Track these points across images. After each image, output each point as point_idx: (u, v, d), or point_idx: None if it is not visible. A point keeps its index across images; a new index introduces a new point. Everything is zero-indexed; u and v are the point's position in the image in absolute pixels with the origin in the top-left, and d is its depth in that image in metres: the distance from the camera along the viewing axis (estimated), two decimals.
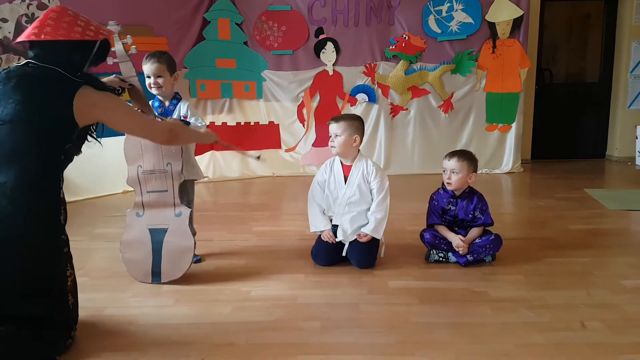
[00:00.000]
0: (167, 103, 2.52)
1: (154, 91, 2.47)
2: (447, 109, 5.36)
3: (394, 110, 5.38)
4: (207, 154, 5.29)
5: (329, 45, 5.27)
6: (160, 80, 2.42)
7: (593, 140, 6.26)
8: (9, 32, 3.79)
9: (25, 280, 1.63)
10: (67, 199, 4.29)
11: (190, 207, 2.55)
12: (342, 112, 5.37)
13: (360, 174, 2.50)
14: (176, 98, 2.54)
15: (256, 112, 5.41)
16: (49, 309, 1.66)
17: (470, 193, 2.53)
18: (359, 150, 2.55)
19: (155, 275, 2.38)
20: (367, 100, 5.35)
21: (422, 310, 1.96)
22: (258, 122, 5.42)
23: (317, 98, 5.37)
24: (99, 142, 1.91)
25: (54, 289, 1.69)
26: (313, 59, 5.29)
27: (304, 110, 5.40)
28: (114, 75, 2.22)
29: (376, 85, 5.32)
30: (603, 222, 3.30)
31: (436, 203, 2.59)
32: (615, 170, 5.59)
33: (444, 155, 5.48)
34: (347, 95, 5.35)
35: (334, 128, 2.46)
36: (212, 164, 5.32)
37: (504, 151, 5.45)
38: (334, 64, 5.31)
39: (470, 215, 2.51)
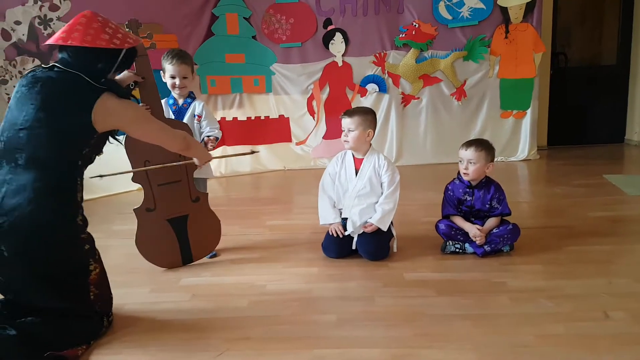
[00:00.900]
0: (181, 101, 2.52)
1: (175, 91, 2.48)
2: (460, 97, 5.28)
3: (405, 99, 5.32)
4: (219, 149, 5.29)
5: (338, 36, 5.21)
6: (186, 82, 2.44)
7: (611, 125, 6.11)
8: (23, 35, 3.82)
9: (45, 276, 1.66)
10: (84, 197, 4.31)
11: None
12: (352, 103, 5.33)
13: (372, 167, 2.47)
14: (190, 96, 2.55)
15: (266, 106, 5.39)
16: (71, 302, 1.71)
17: (487, 183, 2.48)
18: (370, 144, 2.52)
19: (186, 259, 2.45)
20: (377, 90, 5.29)
21: (439, 302, 1.93)
22: (268, 116, 5.40)
23: (327, 90, 5.33)
24: (120, 143, 1.98)
25: (73, 283, 1.73)
26: (322, 50, 5.24)
27: (314, 103, 5.36)
28: (126, 70, 2.21)
29: (386, 75, 5.26)
30: (623, 209, 3.22)
31: (451, 193, 2.54)
32: (634, 155, 5.46)
33: (457, 144, 5.39)
34: (357, 86, 5.30)
35: (347, 123, 2.43)
36: (224, 160, 5.31)
37: (520, 138, 5.36)
38: (343, 55, 5.25)
39: (487, 206, 2.46)
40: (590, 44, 6.19)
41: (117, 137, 1.92)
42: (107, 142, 1.86)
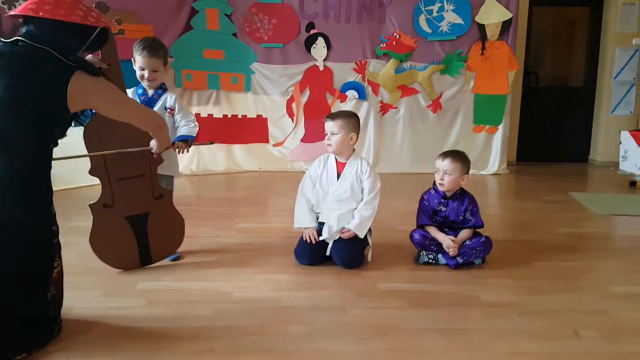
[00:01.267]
0: (151, 92, 2.41)
1: (144, 83, 2.37)
2: (435, 109, 5.34)
3: (384, 108, 5.34)
4: (192, 147, 5.16)
5: (320, 41, 5.19)
6: (156, 75, 2.34)
7: (577, 145, 6.30)
8: None
9: (7, 272, 1.54)
10: None
11: None
12: (332, 108, 5.31)
13: (354, 172, 2.44)
14: (162, 88, 2.44)
15: (244, 105, 5.31)
16: (27, 302, 1.59)
17: (461, 194, 2.49)
18: (354, 148, 2.49)
19: (145, 260, 2.32)
20: (357, 97, 5.29)
21: (412, 315, 1.91)
22: (246, 115, 5.33)
23: (307, 93, 5.30)
24: (83, 125, 1.87)
25: (36, 281, 1.62)
26: (303, 53, 5.21)
27: (294, 105, 5.31)
28: (90, 55, 2.11)
29: (366, 83, 5.27)
30: (589, 226, 3.30)
31: (427, 203, 2.54)
32: (598, 175, 5.63)
33: (432, 154, 5.43)
34: (337, 92, 5.29)
35: (331, 126, 2.39)
36: (196, 157, 5.19)
37: (491, 152, 5.45)
38: (324, 60, 5.24)
39: (460, 217, 2.47)
40: (560, 65, 6.38)
41: (80, 118, 1.81)
42: (71, 125, 1.74)
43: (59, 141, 1.71)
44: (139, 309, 1.93)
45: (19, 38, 1.57)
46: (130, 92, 2.41)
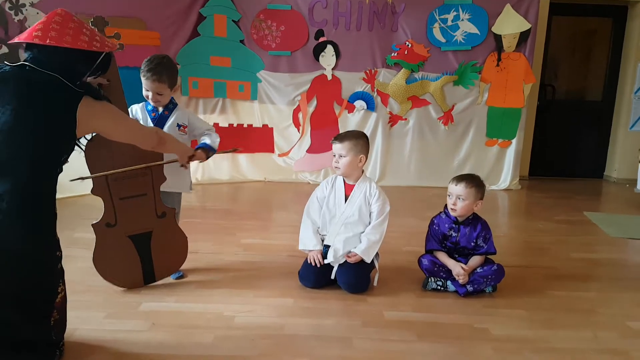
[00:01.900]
0: (160, 109, 2.35)
1: (151, 102, 2.32)
2: (447, 121, 5.23)
3: (393, 119, 5.24)
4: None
5: (329, 49, 5.11)
6: (160, 97, 2.28)
7: (592, 160, 6.17)
8: None
9: (14, 295, 1.51)
10: None
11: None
12: (339, 119, 5.23)
13: (363, 194, 2.36)
14: (172, 103, 2.38)
15: (250, 113, 5.24)
16: (30, 328, 1.55)
17: (474, 220, 2.39)
18: (362, 170, 2.40)
19: (149, 278, 2.28)
20: (365, 107, 5.20)
21: (420, 349, 1.81)
22: (251, 125, 5.26)
23: (314, 103, 5.22)
24: (82, 149, 1.86)
25: (40, 304, 1.58)
26: (312, 62, 5.13)
27: (300, 115, 5.23)
28: None
29: (375, 93, 5.18)
30: (604, 251, 3.18)
31: (437, 228, 2.44)
32: (613, 192, 5.50)
33: (441, 168, 5.41)
34: (345, 102, 5.20)
35: (338, 148, 2.31)
36: (201, 165, 5.13)
37: (503, 167, 5.34)
38: (333, 69, 5.16)
39: (472, 243, 2.37)
40: (578, 79, 6.25)
41: (80, 142, 1.78)
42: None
43: None
44: (140, 333, 1.87)
45: (25, 63, 1.55)
46: (139, 107, 2.36)
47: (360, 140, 2.35)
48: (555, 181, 5.89)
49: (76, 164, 2.00)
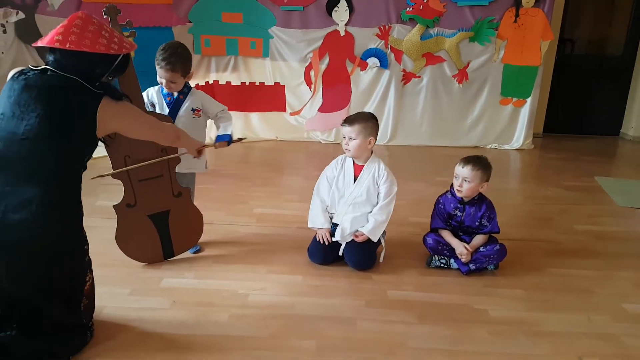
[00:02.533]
0: (176, 93, 2.39)
1: (165, 88, 2.36)
2: (461, 79, 5.15)
3: (406, 77, 5.17)
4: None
5: (342, 3, 4.97)
6: (173, 85, 2.32)
7: (609, 117, 6.07)
8: None
9: (48, 286, 1.65)
10: None
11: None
12: (352, 77, 5.17)
13: (371, 175, 2.41)
14: (187, 87, 2.42)
15: (262, 71, 5.21)
16: (63, 313, 1.70)
17: (479, 200, 2.45)
18: (372, 150, 2.45)
19: (168, 254, 2.43)
20: (378, 65, 5.12)
21: (420, 332, 1.93)
22: (263, 83, 5.24)
23: (326, 60, 5.15)
24: (103, 142, 2.00)
25: (70, 295, 1.73)
26: (324, 17, 5.01)
27: (312, 73, 5.18)
28: None
29: (389, 50, 5.07)
30: (610, 223, 3.23)
31: (442, 207, 2.51)
32: (628, 151, 5.47)
33: (454, 127, 5.41)
34: (357, 59, 5.12)
35: (348, 131, 2.34)
36: (214, 124, 5.17)
37: (516, 126, 5.30)
38: (346, 24, 5.04)
39: (477, 223, 2.44)
40: (599, 33, 6.01)
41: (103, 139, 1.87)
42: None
43: None
44: (163, 312, 2.02)
45: (47, 67, 1.61)
46: (154, 91, 2.40)
47: (369, 122, 2.38)
48: (570, 139, 5.84)
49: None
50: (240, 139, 2.48)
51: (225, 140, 2.42)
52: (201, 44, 4.91)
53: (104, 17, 2.12)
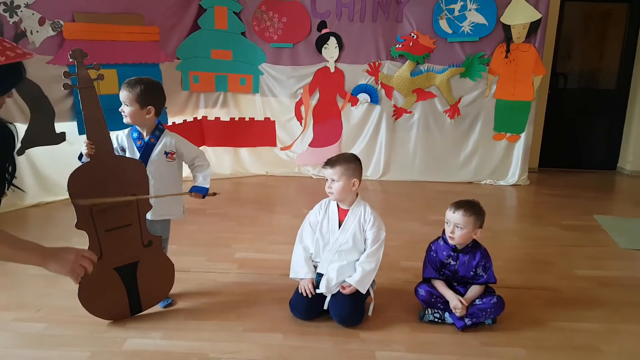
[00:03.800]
0: (146, 136, 2.24)
1: (125, 120, 2.20)
2: (453, 115, 5.07)
3: (397, 112, 5.09)
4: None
5: (332, 41, 4.93)
6: (126, 109, 2.16)
7: (605, 151, 5.98)
8: None
9: None
10: (46, 199, 3.98)
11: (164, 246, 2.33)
12: (343, 112, 5.09)
13: (357, 220, 2.25)
14: (159, 129, 2.27)
15: (252, 107, 5.12)
16: None
17: (473, 247, 2.28)
18: (357, 193, 2.30)
19: (135, 309, 2.23)
20: (369, 100, 5.04)
21: None
22: (253, 118, 5.14)
23: (317, 96, 5.08)
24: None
25: None
26: (314, 54, 4.96)
27: (302, 108, 5.10)
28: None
29: (379, 86, 5.01)
30: (612, 267, 3.06)
31: (434, 254, 2.34)
32: (626, 187, 5.35)
33: (447, 162, 5.32)
34: (348, 95, 5.05)
35: (330, 173, 2.20)
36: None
37: (511, 162, 5.19)
38: (336, 61, 4.99)
39: (471, 272, 2.27)
40: (591, 67, 6.00)
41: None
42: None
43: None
44: None
45: None
46: (124, 134, 2.26)
47: (352, 163, 2.23)
48: (566, 174, 5.73)
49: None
50: (214, 194, 2.31)
51: (201, 192, 2.28)
52: (189, 80, 4.83)
53: (70, 60, 1.99)
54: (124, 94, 2.14)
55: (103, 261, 2.09)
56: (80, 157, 2.11)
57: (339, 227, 2.28)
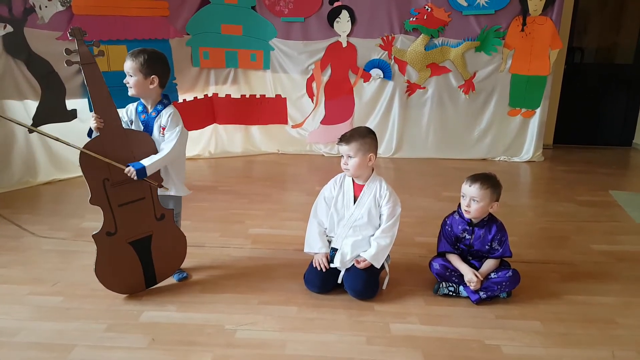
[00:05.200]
0: (150, 108, 2.21)
1: (129, 91, 2.17)
2: (467, 90, 4.98)
3: (411, 88, 5.01)
4: (209, 128, 5.01)
5: (344, 14, 4.83)
6: (130, 80, 2.12)
7: (621, 127, 5.87)
8: None
9: None
10: (59, 176, 3.95)
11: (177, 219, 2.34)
12: (355, 88, 5.02)
13: (372, 196, 2.23)
14: (162, 103, 2.21)
15: (262, 84, 5.07)
16: None
17: (489, 221, 2.26)
18: (372, 169, 2.27)
19: (150, 282, 2.25)
20: (381, 76, 4.97)
21: None
22: (264, 95, 5.09)
23: (328, 71, 5.01)
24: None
25: None
26: (326, 28, 4.88)
27: (314, 85, 5.04)
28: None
29: (392, 61, 4.92)
30: (628, 242, 3.02)
31: (449, 229, 2.32)
32: None
33: (461, 139, 5.26)
34: (360, 70, 4.97)
35: (346, 150, 2.17)
36: (214, 138, 5.06)
37: (525, 138, 5.11)
38: (348, 35, 4.90)
39: (487, 246, 2.25)
40: (608, 41, 5.84)
41: None
42: None
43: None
44: (139, 352, 1.82)
45: None
46: (133, 106, 2.22)
47: (367, 138, 2.20)
48: (581, 150, 5.65)
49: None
50: (160, 186, 2.16)
51: (134, 167, 2.03)
52: (200, 56, 4.79)
53: (70, 38, 1.97)
54: (127, 64, 2.10)
55: (118, 235, 2.10)
56: (89, 133, 2.09)
57: (354, 202, 2.26)
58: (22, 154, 3.79)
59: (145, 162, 2.07)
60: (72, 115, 4.03)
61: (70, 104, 4.00)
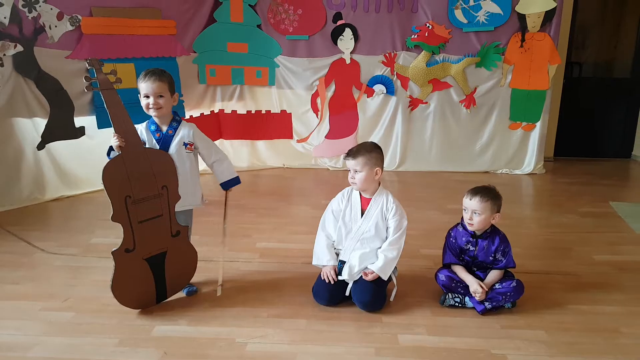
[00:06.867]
0: (164, 127, 2.29)
1: (151, 112, 2.24)
2: (469, 104, 5.06)
3: (413, 103, 5.10)
4: (216, 143, 5.08)
5: (347, 32, 4.95)
6: (161, 101, 2.20)
7: (620, 140, 5.94)
8: (5, 17, 3.54)
9: None
10: (67, 193, 3.98)
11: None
12: (358, 104, 5.11)
13: (379, 209, 2.29)
14: (176, 120, 2.30)
15: (268, 99, 5.17)
16: None
17: (492, 233, 2.31)
18: (379, 182, 2.33)
19: (161, 297, 2.31)
20: (384, 92, 5.06)
21: None
22: (270, 111, 5.19)
23: (333, 87, 5.11)
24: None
25: None
26: (330, 45, 4.99)
27: (318, 100, 5.14)
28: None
29: (395, 77, 5.02)
30: (629, 252, 3.07)
31: (454, 241, 2.37)
32: None
33: (463, 152, 5.34)
34: (364, 86, 5.07)
35: (353, 164, 2.24)
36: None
37: (527, 151, 5.18)
38: (351, 52, 5.01)
39: (491, 257, 2.30)
40: (605, 56, 5.94)
41: None
42: None
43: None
44: None
45: None
46: (143, 127, 2.28)
47: (373, 152, 2.27)
48: (582, 162, 5.72)
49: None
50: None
51: (236, 184, 2.53)
52: (206, 73, 4.89)
53: (88, 67, 2.06)
54: (155, 85, 2.16)
55: (135, 252, 2.15)
56: (109, 152, 2.15)
57: (362, 215, 2.32)
58: (30, 170, 3.85)
59: (233, 174, 2.50)
60: (80, 132, 4.11)
61: (78, 121, 4.07)
